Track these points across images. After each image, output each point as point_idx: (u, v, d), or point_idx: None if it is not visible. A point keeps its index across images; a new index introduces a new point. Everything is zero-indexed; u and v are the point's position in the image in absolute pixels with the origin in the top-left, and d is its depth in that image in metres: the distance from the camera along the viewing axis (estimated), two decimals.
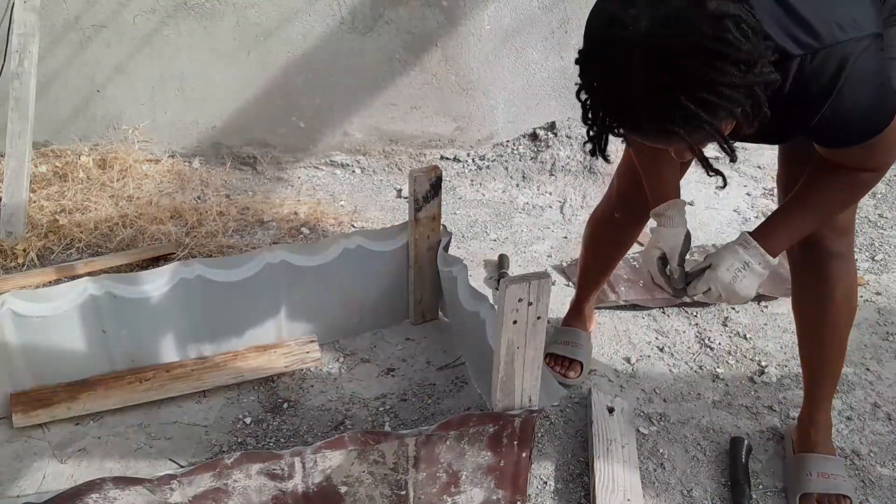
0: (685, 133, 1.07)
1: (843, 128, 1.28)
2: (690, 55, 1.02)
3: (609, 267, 2.07)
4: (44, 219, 2.64)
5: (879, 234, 2.83)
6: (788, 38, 1.19)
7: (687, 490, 1.75)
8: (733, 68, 1.04)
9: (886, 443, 1.89)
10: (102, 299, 1.85)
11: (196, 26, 2.98)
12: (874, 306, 2.40)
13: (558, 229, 2.82)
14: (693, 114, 1.04)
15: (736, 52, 1.04)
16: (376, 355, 2.13)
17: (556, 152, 3.17)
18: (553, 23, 3.10)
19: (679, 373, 2.11)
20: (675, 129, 1.07)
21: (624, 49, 1.04)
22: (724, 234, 2.81)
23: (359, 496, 1.52)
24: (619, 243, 1.99)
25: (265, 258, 1.97)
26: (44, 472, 1.73)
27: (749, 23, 1.05)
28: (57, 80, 3.02)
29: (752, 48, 1.05)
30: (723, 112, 1.07)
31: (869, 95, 1.25)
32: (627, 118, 1.10)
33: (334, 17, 3.01)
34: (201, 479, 1.37)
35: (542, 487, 1.74)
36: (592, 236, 2.01)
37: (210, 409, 1.92)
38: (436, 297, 2.23)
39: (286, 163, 3.20)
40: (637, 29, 1.03)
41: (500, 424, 1.53)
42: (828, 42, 1.20)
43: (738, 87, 1.06)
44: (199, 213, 2.76)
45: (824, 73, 1.21)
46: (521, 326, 1.43)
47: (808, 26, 1.19)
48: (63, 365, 1.89)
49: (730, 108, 1.07)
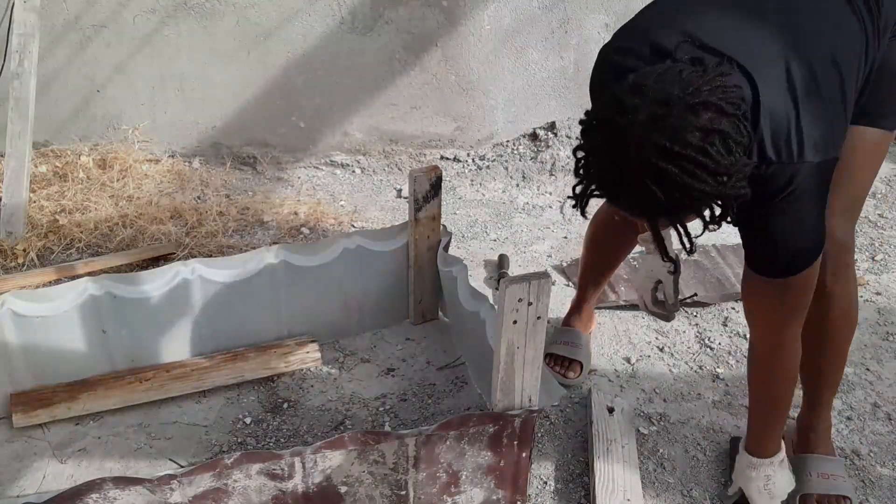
0: (650, 216, 1.19)
1: (774, 251, 1.36)
2: (673, 160, 1.09)
3: (610, 268, 2.07)
4: (44, 219, 2.64)
5: (879, 234, 2.83)
6: (773, 149, 1.25)
7: (687, 490, 1.75)
8: (710, 178, 1.11)
9: (886, 443, 1.89)
10: (102, 299, 1.85)
11: (196, 26, 2.98)
12: (874, 306, 2.40)
13: (558, 229, 2.82)
14: (663, 207, 1.14)
15: (715, 164, 1.10)
16: (376, 355, 2.13)
17: (556, 152, 3.17)
18: (553, 23, 3.10)
19: (679, 373, 2.11)
20: (644, 212, 1.18)
21: (622, 134, 1.11)
22: (723, 232, 2.81)
23: (359, 496, 1.52)
24: (619, 245, 2.00)
25: (265, 258, 1.97)
26: (44, 472, 1.73)
27: (736, 139, 1.11)
28: (57, 80, 3.02)
29: (732, 163, 1.11)
30: (690, 211, 1.17)
31: (806, 217, 1.32)
32: (609, 189, 1.20)
33: (334, 17, 3.01)
34: (201, 479, 1.37)
35: (542, 487, 1.74)
36: (593, 238, 2.01)
37: (210, 409, 1.92)
38: (436, 296, 2.23)
39: (286, 163, 3.20)
40: (635, 120, 1.10)
41: (500, 424, 1.53)
42: (786, 159, 1.25)
43: (710, 195, 1.13)
44: (199, 213, 2.76)
45: (776, 182, 1.27)
46: (521, 326, 1.43)
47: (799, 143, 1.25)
48: (63, 365, 1.89)
49: (698, 209, 1.17)
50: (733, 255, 2.61)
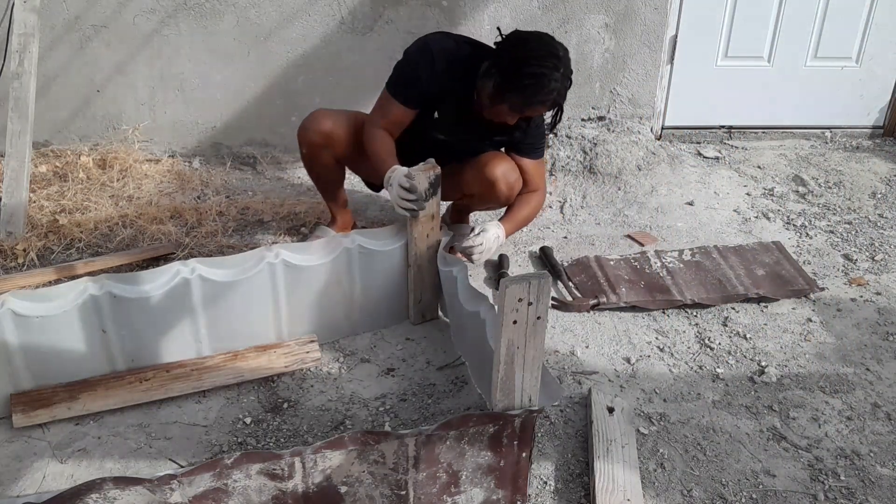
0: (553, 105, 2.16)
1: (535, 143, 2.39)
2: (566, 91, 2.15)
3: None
4: (44, 219, 2.64)
5: (879, 234, 2.83)
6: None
7: (687, 490, 1.75)
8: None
9: (886, 443, 1.89)
10: (102, 299, 1.85)
11: (196, 26, 2.98)
12: (874, 306, 2.40)
13: (558, 229, 2.82)
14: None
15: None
16: (376, 355, 2.13)
17: (556, 152, 3.17)
18: (553, 23, 3.10)
19: (679, 373, 2.11)
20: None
21: (556, 68, 2.07)
22: (724, 233, 2.81)
23: (359, 496, 1.52)
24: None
25: (265, 257, 1.97)
26: (44, 472, 1.73)
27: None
28: (57, 80, 3.02)
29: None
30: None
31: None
32: (549, 92, 2.06)
33: (334, 17, 3.01)
34: (201, 479, 1.37)
35: (542, 487, 1.74)
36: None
37: (210, 409, 1.92)
38: (435, 296, 2.23)
39: (286, 163, 3.20)
40: (559, 72, 2.08)
41: (500, 424, 1.53)
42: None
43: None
44: (198, 213, 2.76)
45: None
46: (521, 326, 1.43)
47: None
48: (63, 365, 1.89)
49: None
50: (735, 256, 2.61)
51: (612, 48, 3.18)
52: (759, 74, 3.43)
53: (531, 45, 2.05)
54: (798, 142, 3.57)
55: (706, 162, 3.36)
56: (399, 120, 2.26)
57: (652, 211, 2.96)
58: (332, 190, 2.56)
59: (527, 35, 2.10)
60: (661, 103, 3.40)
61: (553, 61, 2.03)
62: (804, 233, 2.84)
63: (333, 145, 2.36)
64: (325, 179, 2.51)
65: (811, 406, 1.99)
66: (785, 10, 3.30)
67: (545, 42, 2.07)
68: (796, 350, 2.20)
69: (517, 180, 2.36)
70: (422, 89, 2.21)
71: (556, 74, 2.03)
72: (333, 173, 2.49)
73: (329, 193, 2.57)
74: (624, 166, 3.12)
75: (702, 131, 3.54)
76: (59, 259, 2.50)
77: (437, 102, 2.26)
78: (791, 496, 1.73)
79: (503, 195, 2.35)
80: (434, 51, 2.18)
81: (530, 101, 2.07)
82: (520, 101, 2.07)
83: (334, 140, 2.36)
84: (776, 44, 3.37)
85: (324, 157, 2.39)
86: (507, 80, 2.04)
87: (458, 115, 2.26)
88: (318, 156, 2.40)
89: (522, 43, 2.07)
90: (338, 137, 2.36)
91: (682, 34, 3.26)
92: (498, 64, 2.07)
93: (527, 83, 2.03)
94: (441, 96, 2.23)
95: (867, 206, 3.02)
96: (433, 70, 2.18)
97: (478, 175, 2.33)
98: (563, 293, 2.42)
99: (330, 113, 2.38)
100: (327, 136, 2.34)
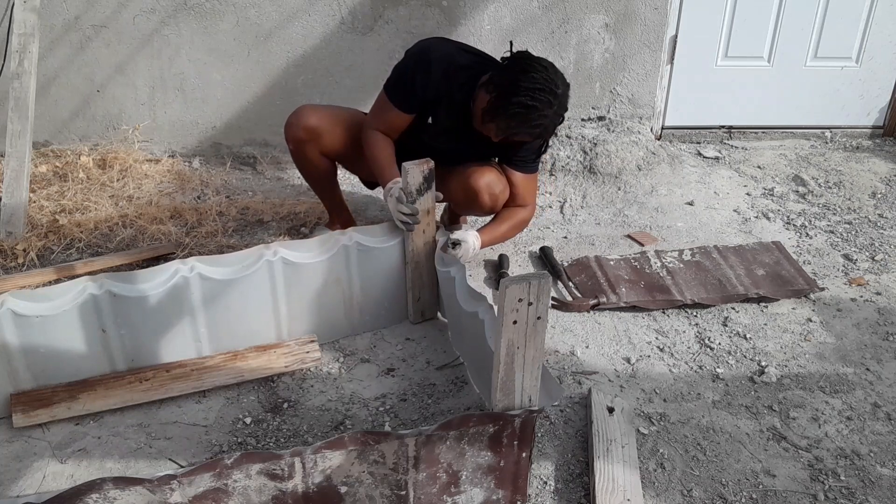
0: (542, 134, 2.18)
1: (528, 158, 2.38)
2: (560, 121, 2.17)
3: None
4: (44, 219, 2.64)
5: (879, 234, 2.83)
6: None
7: (687, 490, 1.75)
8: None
9: (886, 443, 1.89)
10: (102, 298, 1.85)
11: (196, 26, 2.98)
12: (874, 306, 2.40)
13: (558, 229, 2.82)
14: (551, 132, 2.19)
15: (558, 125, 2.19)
16: (376, 355, 2.13)
17: (556, 152, 3.17)
18: (553, 23, 3.10)
19: (679, 373, 2.11)
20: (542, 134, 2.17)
21: (549, 104, 2.08)
22: (724, 233, 2.81)
23: (359, 496, 1.52)
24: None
25: (263, 255, 1.97)
26: (44, 472, 1.73)
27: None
28: (57, 80, 3.02)
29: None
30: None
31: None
32: (535, 126, 2.09)
33: (334, 17, 3.01)
34: (201, 479, 1.37)
35: (542, 487, 1.74)
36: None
37: (210, 409, 1.92)
38: (434, 294, 2.23)
39: (286, 163, 3.20)
40: (552, 109, 2.09)
41: (500, 424, 1.53)
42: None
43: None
44: (198, 212, 2.76)
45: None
46: (521, 326, 1.43)
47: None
48: (63, 365, 1.89)
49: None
50: (735, 256, 2.61)
51: (612, 48, 3.18)
52: (758, 74, 3.43)
53: (532, 75, 2.03)
54: (798, 142, 3.57)
55: (706, 162, 3.36)
56: (395, 123, 2.26)
57: (652, 211, 2.96)
58: (325, 187, 2.56)
59: (533, 63, 2.08)
60: (661, 103, 3.40)
61: (548, 97, 2.03)
62: (804, 233, 2.84)
63: (318, 140, 2.36)
64: (315, 176, 2.50)
65: (811, 406, 1.99)
66: (785, 10, 3.30)
67: (547, 76, 2.05)
68: (796, 350, 2.20)
69: (503, 191, 2.35)
70: (417, 95, 2.20)
71: (547, 111, 2.04)
72: (322, 169, 2.47)
73: (323, 191, 2.57)
74: (624, 166, 3.12)
75: (702, 131, 3.54)
76: (59, 259, 2.50)
77: (431, 108, 2.26)
78: (791, 496, 1.73)
79: (486, 205, 2.35)
80: (431, 57, 2.18)
81: (515, 130, 2.07)
82: (504, 126, 2.07)
83: (319, 135, 2.35)
84: (776, 44, 3.37)
85: (309, 152, 2.39)
86: (499, 103, 2.04)
87: (452, 122, 2.26)
88: (303, 151, 2.39)
89: (525, 70, 2.05)
90: (323, 132, 2.35)
91: (682, 34, 3.27)
92: (497, 82, 2.06)
93: (516, 111, 2.03)
94: (436, 102, 2.23)
95: (867, 206, 3.02)
96: (429, 76, 2.17)
97: (463, 183, 2.32)
98: (563, 293, 2.42)
99: (315, 108, 2.38)
100: (311, 130, 2.34)
